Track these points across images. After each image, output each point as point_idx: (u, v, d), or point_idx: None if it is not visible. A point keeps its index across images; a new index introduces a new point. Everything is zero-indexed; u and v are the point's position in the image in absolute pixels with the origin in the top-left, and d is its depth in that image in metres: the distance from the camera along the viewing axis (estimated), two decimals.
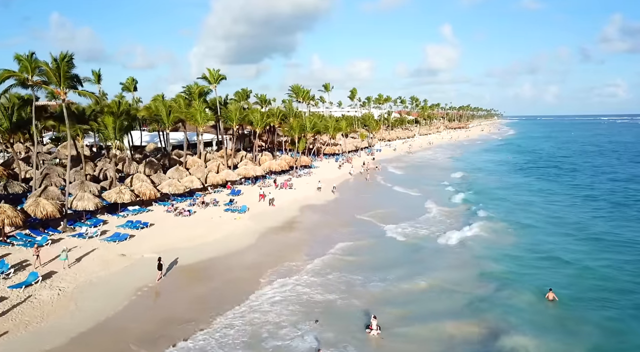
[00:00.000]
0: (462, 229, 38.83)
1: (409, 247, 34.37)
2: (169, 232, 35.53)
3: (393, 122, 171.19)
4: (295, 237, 36.91)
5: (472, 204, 49.51)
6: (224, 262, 29.86)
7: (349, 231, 38.55)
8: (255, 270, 28.57)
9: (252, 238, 35.23)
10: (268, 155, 73.51)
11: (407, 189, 59.27)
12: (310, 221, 42.32)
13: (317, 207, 48.04)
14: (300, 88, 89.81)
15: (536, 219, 43.37)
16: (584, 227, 40.68)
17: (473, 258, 32.03)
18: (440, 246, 34.83)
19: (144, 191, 42.15)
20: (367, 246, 34.35)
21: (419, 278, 27.85)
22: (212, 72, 59.78)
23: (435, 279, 27.74)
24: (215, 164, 59.71)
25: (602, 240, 36.35)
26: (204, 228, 36.97)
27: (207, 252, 31.25)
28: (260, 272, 28.24)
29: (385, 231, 38.43)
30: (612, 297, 25.35)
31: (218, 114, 62.13)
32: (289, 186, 56.05)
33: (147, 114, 57.35)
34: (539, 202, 52.00)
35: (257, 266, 29.32)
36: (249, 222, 40.07)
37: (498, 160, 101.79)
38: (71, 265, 27.30)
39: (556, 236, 37.77)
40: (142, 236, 34.32)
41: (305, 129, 75.57)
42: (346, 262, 30.54)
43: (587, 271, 29.48)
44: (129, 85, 75.04)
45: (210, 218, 40.66)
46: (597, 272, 29.20)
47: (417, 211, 46.18)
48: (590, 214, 45.98)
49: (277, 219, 41.77)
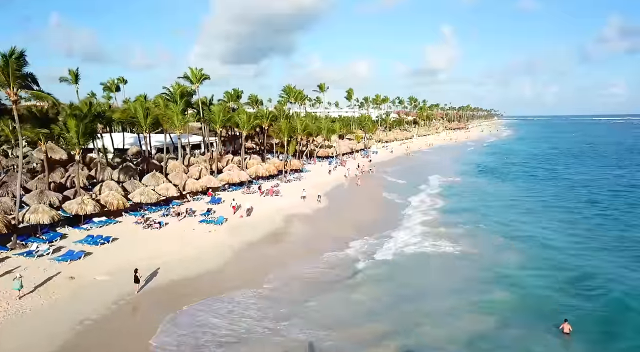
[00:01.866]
0: (451, 245, 35.62)
1: (391, 268, 30.79)
2: (131, 248, 31.88)
3: (391, 123, 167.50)
4: (272, 256, 32.73)
5: (464, 214, 46.19)
6: (180, 290, 25.94)
7: (330, 246, 34.99)
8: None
9: (223, 256, 31.53)
10: (256, 159, 69.84)
11: (399, 196, 55.71)
12: (293, 235, 38.50)
13: (303, 217, 44.28)
14: (293, 88, 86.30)
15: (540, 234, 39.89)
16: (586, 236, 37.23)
17: (468, 281, 28.50)
18: (427, 267, 31.43)
19: (110, 201, 38.56)
20: (336, 275, 30.71)
21: (407, 307, 24.35)
22: (194, 71, 56.26)
23: (428, 309, 24.25)
24: (197, 169, 56.11)
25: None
26: (171, 243, 33.32)
27: (167, 274, 27.53)
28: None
29: (363, 251, 34.94)
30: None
31: (201, 115, 58.51)
32: (275, 192, 52.42)
33: (123, 116, 53.75)
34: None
35: (219, 292, 25.70)
36: (224, 236, 36.42)
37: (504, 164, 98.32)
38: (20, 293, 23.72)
39: (566, 252, 34.32)
40: (100, 253, 30.68)
41: (296, 131, 71.96)
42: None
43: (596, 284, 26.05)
44: (111, 85, 71.46)
45: (182, 231, 37.03)
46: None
47: (401, 222, 42.96)
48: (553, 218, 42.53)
49: (257, 231, 38.05)
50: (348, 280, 28.41)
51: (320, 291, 26.72)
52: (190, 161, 63.98)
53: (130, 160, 63.81)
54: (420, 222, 42.78)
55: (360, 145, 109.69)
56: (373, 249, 34.45)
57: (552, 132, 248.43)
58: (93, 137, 42.56)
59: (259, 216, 43.51)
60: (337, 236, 38.04)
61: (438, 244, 36.14)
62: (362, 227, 40.80)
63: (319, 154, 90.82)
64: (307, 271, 29.75)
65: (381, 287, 27.47)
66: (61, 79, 62.11)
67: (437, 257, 33.38)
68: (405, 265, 31.55)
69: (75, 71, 63.15)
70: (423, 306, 24.87)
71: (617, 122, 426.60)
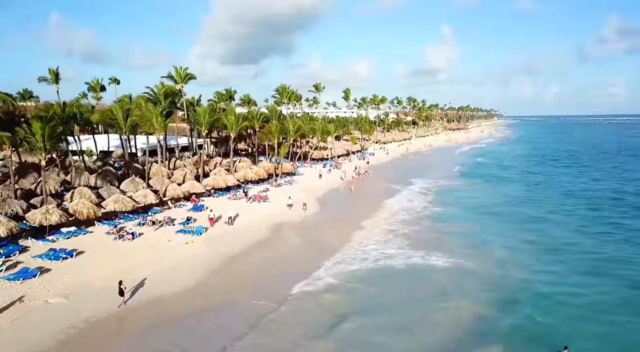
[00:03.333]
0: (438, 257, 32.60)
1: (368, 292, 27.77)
2: (96, 263, 28.95)
3: (389, 123, 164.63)
4: (248, 273, 29.43)
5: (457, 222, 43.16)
6: (137, 317, 22.96)
7: (308, 268, 32.09)
8: (185, 328, 22.12)
9: (197, 273, 28.57)
10: (246, 162, 66.95)
11: (390, 204, 52.41)
12: (278, 247, 35.46)
13: (292, 226, 41.32)
14: (286, 88, 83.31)
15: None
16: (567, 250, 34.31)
17: (458, 300, 25.60)
18: (410, 288, 28.44)
19: (80, 210, 35.65)
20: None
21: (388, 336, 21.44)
22: (178, 70, 53.37)
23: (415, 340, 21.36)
24: (181, 174, 53.21)
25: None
26: (140, 258, 30.39)
27: (131, 296, 24.65)
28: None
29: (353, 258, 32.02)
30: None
31: (186, 116, 55.63)
32: (263, 198, 49.48)
33: (102, 118, 50.83)
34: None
35: (178, 319, 22.78)
36: (201, 248, 33.51)
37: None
38: None
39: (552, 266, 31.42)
40: (60, 269, 27.74)
41: (288, 132, 69.08)
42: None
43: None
44: (95, 85, 68.55)
45: (157, 242, 34.11)
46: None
47: (391, 235, 39.88)
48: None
49: (239, 242, 35.11)
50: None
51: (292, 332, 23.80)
52: (176, 165, 61.14)
53: (113, 164, 61.05)
54: (404, 239, 37.89)
55: (356, 147, 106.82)
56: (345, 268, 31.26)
57: (544, 134, 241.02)
58: (61, 140, 39.57)
59: (244, 223, 40.64)
60: (323, 248, 35.17)
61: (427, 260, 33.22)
62: (348, 237, 37.98)
63: (313, 156, 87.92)
64: (276, 297, 25.93)
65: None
66: (40, 79, 59.25)
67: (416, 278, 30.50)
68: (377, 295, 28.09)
69: (55, 70, 60.29)
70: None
71: (611, 123, 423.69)
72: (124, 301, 23.55)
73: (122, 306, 23.34)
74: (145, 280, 26.71)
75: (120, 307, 23.20)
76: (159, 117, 42.75)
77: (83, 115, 50.41)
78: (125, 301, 23.68)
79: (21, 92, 76.79)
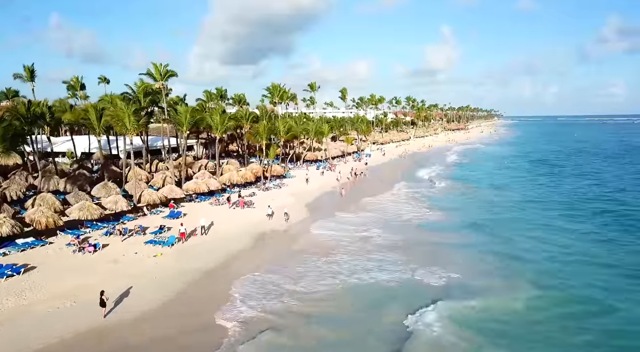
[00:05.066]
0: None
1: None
2: (43, 282, 25.42)
3: (387, 124, 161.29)
4: (216, 296, 25.18)
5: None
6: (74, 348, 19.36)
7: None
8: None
9: (162, 292, 24.98)
10: (234, 164, 63.59)
11: (379, 212, 48.29)
12: (258, 260, 31.81)
13: (276, 235, 37.89)
14: (278, 87, 79.90)
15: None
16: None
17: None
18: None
19: (38, 219, 32.22)
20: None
21: None
22: (157, 67, 49.94)
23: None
24: (161, 177, 49.82)
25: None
26: (97, 274, 26.89)
27: (53, 328, 20.45)
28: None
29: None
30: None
31: (166, 116, 52.21)
32: (247, 203, 46.01)
33: (74, 118, 47.39)
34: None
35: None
36: (171, 261, 30.06)
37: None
38: None
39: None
40: (1, 289, 24.34)
41: (278, 133, 65.65)
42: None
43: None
44: (75, 84, 65.17)
45: (121, 255, 30.68)
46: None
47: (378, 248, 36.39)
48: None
49: (213, 256, 31.51)
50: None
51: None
52: (158, 167, 57.78)
53: (92, 166, 57.68)
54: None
55: (353, 148, 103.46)
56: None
57: (540, 135, 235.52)
58: (22, 142, 36.19)
59: (223, 233, 37.23)
60: (305, 264, 31.71)
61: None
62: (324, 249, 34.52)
63: (307, 157, 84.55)
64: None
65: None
66: (15, 76, 55.88)
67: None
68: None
69: (30, 67, 56.83)
70: None
71: (606, 123, 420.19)
72: (104, 314, 21.75)
73: (102, 319, 21.55)
74: (82, 307, 22.68)
75: (106, 317, 21.72)
76: (132, 116, 39.26)
77: (54, 115, 47.07)
78: (104, 314, 21.76)
79: (4, 91, 73.35)
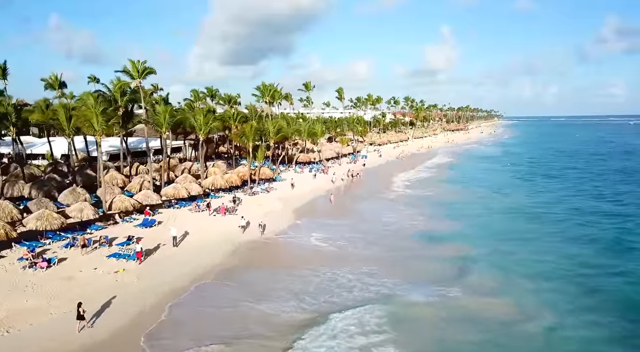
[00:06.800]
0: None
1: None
2: None
3: (385, 124, 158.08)
4: (191, 314, 22.87)
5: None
6: None
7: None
8: None
9: (115, 318, 21.69)
10: (220, 167, 60.26)
11: (368, 220, 44.31)
12: (235, 276, 28.35)
13: (252, 247, 34.28)
14: (268, 86, 76.58)
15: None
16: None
17: None
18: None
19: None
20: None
21: None
22: (134, 63, 46.60)
23: None
24: (138, 182, 46.57)
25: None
26: (46, 295, 23.61)
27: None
28: None
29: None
30: None
31: (144, 116, 48.94)
32: (229, 210, 42.71)
33: (42, 118, 44.15)
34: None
35: None
36: (132, 278, 26.70)
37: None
38: None
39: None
40: None
41: (268, 134, 62.40)
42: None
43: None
44: (53, 82, 61.88)
45: (78, 271, 27.40)
46: None
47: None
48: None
49: (183, 271, 28.12)
50: None
51: None
52: (139, 170, 54.54)
53: (70, 170, 54.37)
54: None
55: (348, 149, 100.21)
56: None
57: (539, 135, 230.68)
58: None
59: (198, 243, 34.02)
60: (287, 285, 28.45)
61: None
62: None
63: (299, 159, 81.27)
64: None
65: None
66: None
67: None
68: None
69: (2, 65, 53.56)
70: None
71: (600, 124, 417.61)
72: (79, 328, 20.07)
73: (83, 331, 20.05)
74: (34, 329, 19.92)
75: (80, 332, 20.04)
76: (100, 116, 35.97)
77: (21, 115, 43.81)
78: (79, 328, 20.09)
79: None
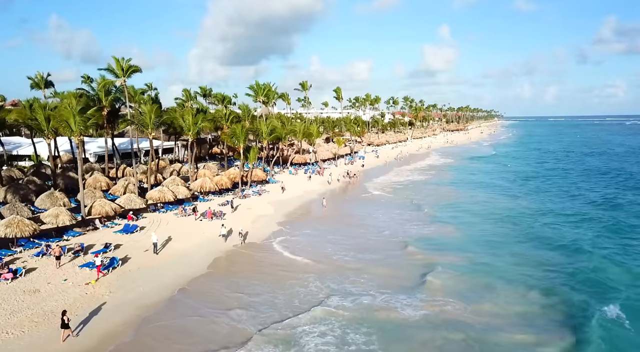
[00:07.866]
0: None
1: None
2: None
3: (384, 124, 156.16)
4: (167, 335, 20.85)
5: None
6: None
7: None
8: None
9: (80, 340, 19.83)
10: (211, 168, 58.34)
11: (360, 225, 42.09)
12: (199, 291, 25.75)
13: (235, 256, 32.08)
14: (262, 85, 74.62)
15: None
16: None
17: None
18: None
19: None
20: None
21: None
22: (118, 61, 44.76)
23: None
24: (122, 185, 44.64)
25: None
26: (3, 313, 21.68)
27: None
28: None
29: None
30: None
31: (129, 116, 46.98)
32: (215, 214, 40.73)
33: (21, 118, 42.24)
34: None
35: None
36: (105, 291, 24.74)
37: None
38: None
39: None
40: None
41: (261, 134, 60.46)
42: None
43: None
44: (39, 81, 60.04)
45: (46, 283, 25.44)
46: None
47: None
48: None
49: (160, 282, 26.20)
50: None
51: None
52: (125, 172, 52.58)
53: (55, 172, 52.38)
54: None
55: (345, 150, 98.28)
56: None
57: (538, 136, 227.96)
58: None
59: (181, 250, 32.10)
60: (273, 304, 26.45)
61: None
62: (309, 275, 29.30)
63: (295, 160, 79.36)
64: None
65: None
66: None
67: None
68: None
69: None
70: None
71: (593, 124, 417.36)
72: (63, 337, 19.31)
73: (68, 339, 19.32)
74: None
75: (65, 341, 19.30)
76: (77, 116, 33.99)
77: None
78: (64, 337, 19.31)
79: None
